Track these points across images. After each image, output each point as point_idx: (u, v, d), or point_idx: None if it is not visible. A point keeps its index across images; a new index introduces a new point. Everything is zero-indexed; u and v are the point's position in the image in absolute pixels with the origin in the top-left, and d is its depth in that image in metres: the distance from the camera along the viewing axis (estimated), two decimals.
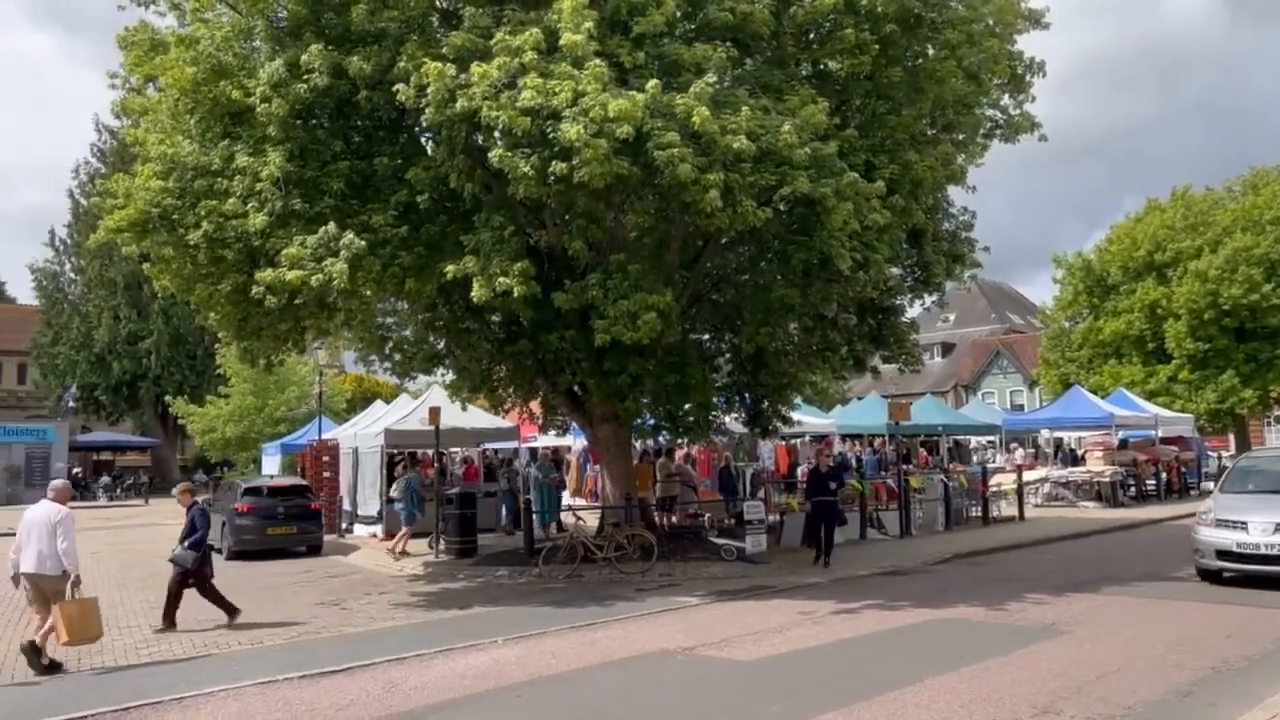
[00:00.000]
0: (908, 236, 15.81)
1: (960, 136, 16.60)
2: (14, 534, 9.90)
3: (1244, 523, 12.53)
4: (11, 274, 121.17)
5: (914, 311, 19.20)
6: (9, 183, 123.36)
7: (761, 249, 15.09)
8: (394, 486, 19.77)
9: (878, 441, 31.04)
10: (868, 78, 14.72)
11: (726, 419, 20.09)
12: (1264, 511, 12.58)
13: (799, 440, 28.43)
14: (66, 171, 62.75)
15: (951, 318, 60.31)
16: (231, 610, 11.92)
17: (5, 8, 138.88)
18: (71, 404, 45.11)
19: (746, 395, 19.00)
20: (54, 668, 9.52)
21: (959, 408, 41.70)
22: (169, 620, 11.69)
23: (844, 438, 30.19)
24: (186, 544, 11.78)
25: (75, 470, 46.97)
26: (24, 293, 59.70)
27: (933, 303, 18.82)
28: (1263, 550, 12.24)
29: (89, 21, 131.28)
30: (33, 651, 9.47)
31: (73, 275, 50.51)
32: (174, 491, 13.64)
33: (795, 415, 21.13)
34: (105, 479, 46.23)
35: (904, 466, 23.25)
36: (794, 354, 17.93)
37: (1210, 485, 23.78)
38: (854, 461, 26.34)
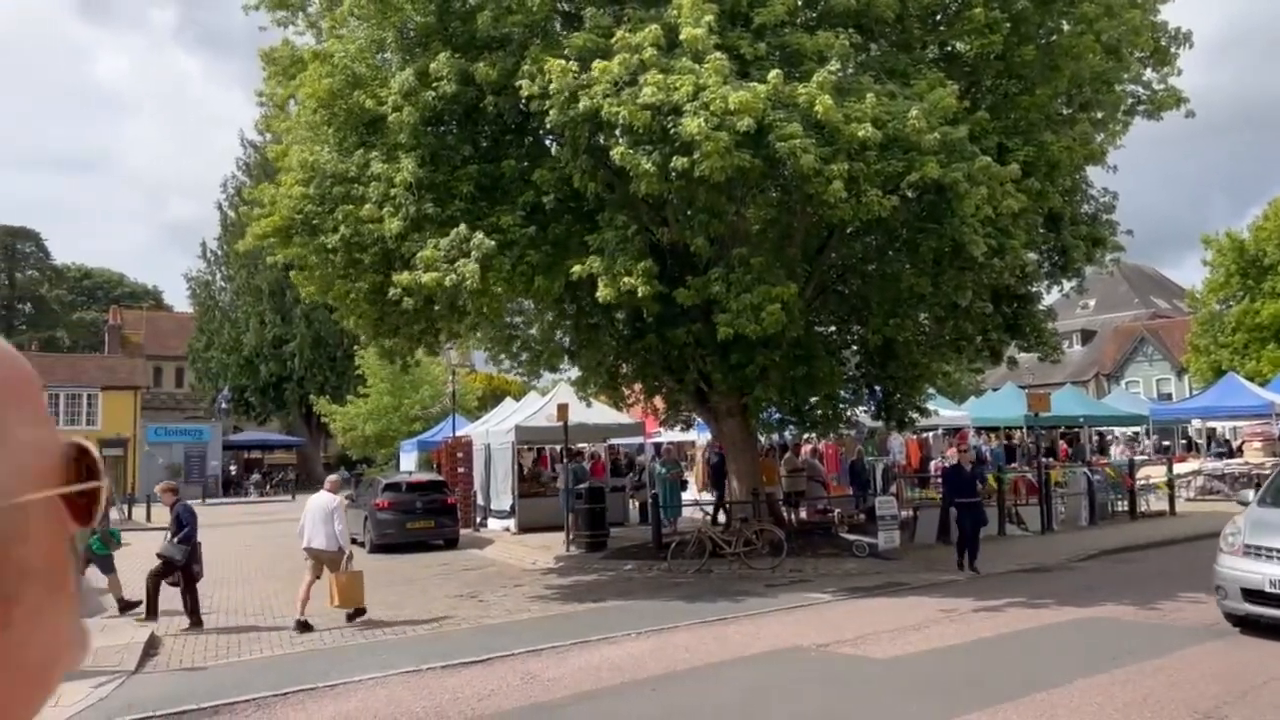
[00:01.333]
0: (1044, 220, 15.19)
1: (1099, 115, 15.84)
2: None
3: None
4: (168, 284, 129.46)
5: (1051, 298, 18.47)
6: (164, 197, 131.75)
7: (889, 238, 14.77)
8: (559, 477, 20.32)
9: (1016, 434, 29.96)
10: (999, 57, 14.21)
11: (855, 412, 19.74)
12: None
13: (931, 433, 27.70)
14: (215, 186, 66.81)
15: (1092, 303, 57.55)
16: (197, 620, 11.70)
17: (158, 33, 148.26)
18: (225, 405, 47.78)
19: (876, 387, 18.63)
20: (305, 627, 11.23)
21: (1101, 398, 39.81)
22: (152, 613, 11.68)
23: (978, 430, 29.25)
24: (176, 539, 11.56)
25: (230, 468, 49.84)
26: (180, 301, 63.67)
27: (1072, 289, 18.02)
28: None
29: (234, 43, 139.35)
30: (302, 623, 11.31)
31: (223, 284, 53.51)
32: (157, 490, 13.44)
33: (927, 407, 20.59)
34: (256, 476, 48.87)
35: (1044, 460, 22.36)
36: (925, 345, 17.46)
37: None
38: (988, 455, 25.49)
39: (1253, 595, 8.97)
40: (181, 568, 11.63)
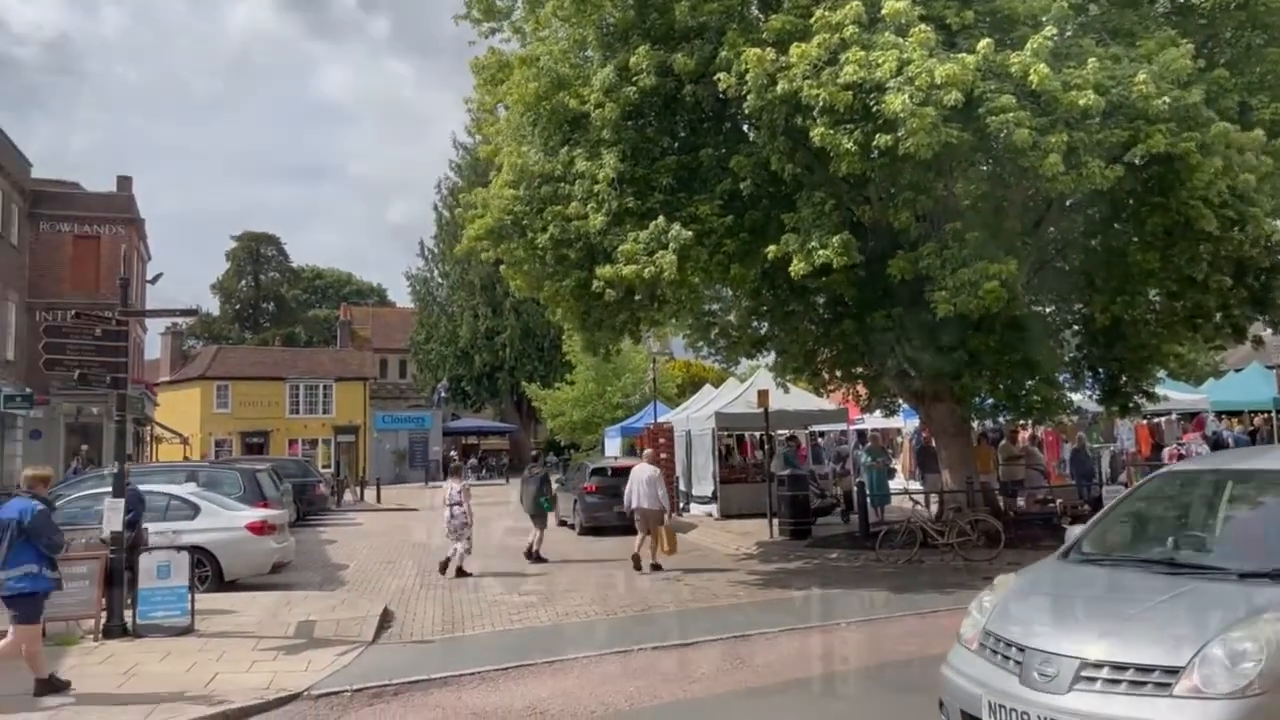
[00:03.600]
0: None
1: None
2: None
3: (1020, 649, 4.93)
4: (391, 281, 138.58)
5: None
6: (384, 200, 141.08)
7: (1114, 209, 13.78)
8: (774, 462, 20.40)
9: (1258, 419, 27.29)
10: (1239, 6, 12.97)
11: (1076, 396, 18.55)
12: (1084, 624, 4.96)
13: (1164, 418, 25.64)
14: (430, 187, 70.65)
15: None
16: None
17: (374, 43, 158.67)
18: (443, 394, 50.73)
19: (1099, 370, 17.45)
20: (656, 568, 14.45)
21: None
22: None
23: (1218, 415, 26.80)
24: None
25: (450, 453, 52.95)
26: (402, 297, 68.02)
27: None
28: None
29: (442, 47, 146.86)
30: (636, 561, 14.66)
31: (439, 280, 56.76)
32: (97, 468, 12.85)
33: (1159, 390, 19.08)
34: (472, 460, 51.67)
35: None
36: (1154, 323, 16.17)
37: None
38: (1230, 441, 23.34)
39: None
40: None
